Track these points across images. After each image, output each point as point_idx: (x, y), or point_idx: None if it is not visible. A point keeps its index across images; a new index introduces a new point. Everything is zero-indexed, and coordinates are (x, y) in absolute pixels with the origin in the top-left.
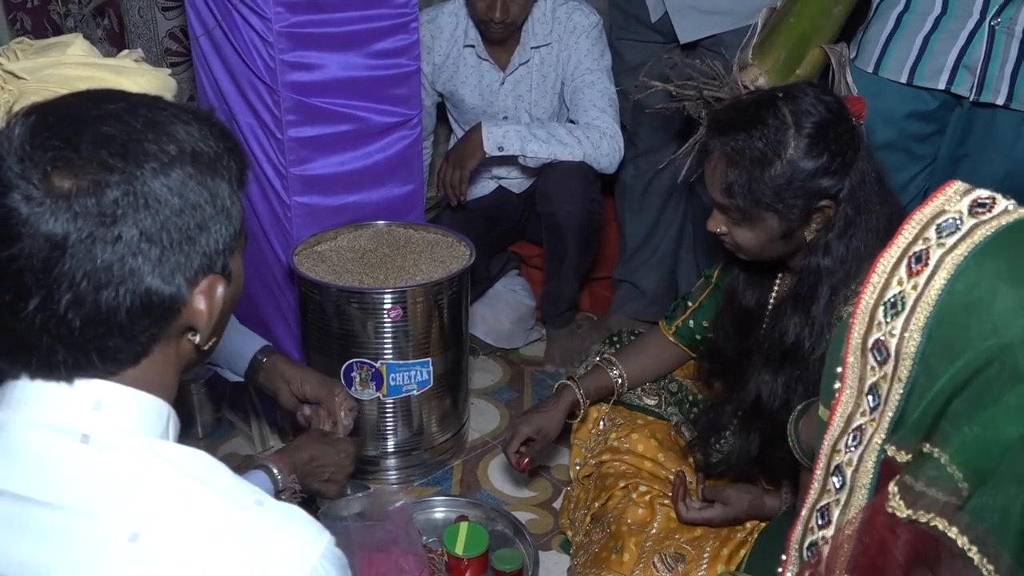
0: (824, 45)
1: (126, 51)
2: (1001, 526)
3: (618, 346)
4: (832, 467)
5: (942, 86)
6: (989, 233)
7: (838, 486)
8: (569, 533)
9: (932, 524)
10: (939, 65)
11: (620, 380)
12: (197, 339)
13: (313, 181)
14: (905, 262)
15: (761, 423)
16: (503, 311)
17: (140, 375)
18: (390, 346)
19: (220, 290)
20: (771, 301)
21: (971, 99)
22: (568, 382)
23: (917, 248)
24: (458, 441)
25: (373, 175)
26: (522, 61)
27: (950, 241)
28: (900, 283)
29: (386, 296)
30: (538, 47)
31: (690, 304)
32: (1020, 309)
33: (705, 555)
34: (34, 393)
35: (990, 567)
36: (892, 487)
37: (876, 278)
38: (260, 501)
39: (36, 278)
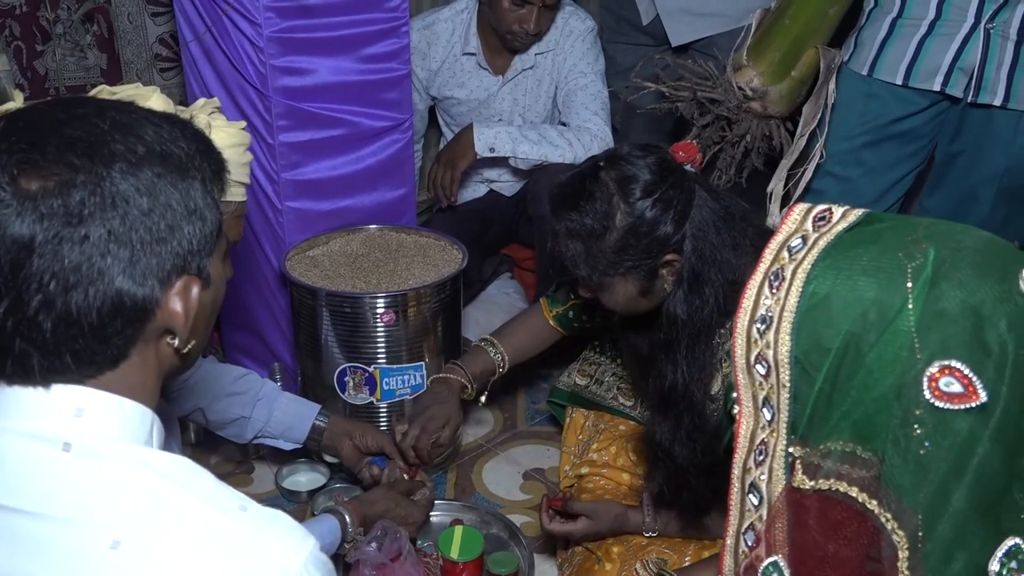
0: (819, 47)
1: (202, 100)
2: (911, 487)
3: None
4: (747, 487)
5: (937, 87)
6: (830, 239)
7: (756, 503)
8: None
9: (834, 489)
10: (934, 66)
11: (501, 360)
12: (176, 342)
13: (305, 186)
14: (767, 282)
15: (668, 461)
16: (496, 314)
17: (120, 380)
18: (383, 350)
19: (195, 291)
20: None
21: (968, 100)
22: (452, 365)
23: (775, 268)
24: (452, 445)
25: (365, 179)
26: (525, 67)
27: (800, 256)
28: (766, 300)
29: (379, 300)
30: (540, 53)
31: (572, 297)
32: (854, 299)
33: (687, 558)
34: (15, 401)
35: (895, 524)
36: (796, 465)
37: (746, 302)
38: (244, 507)
39: (5, 280)
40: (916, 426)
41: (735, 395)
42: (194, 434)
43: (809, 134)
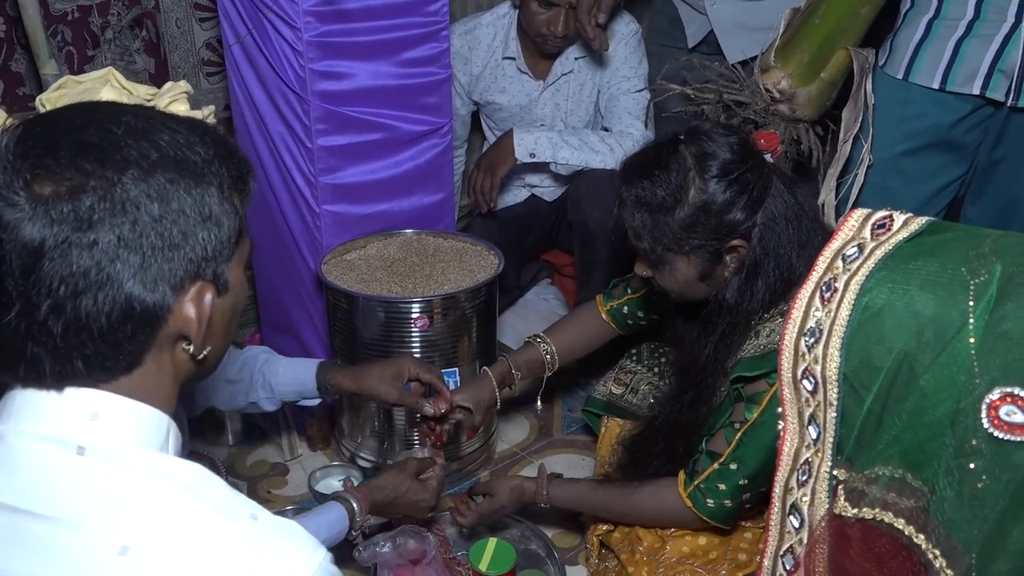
0: (850, 48)
1: (169, 84)
2: (962, 522)
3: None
4: (788, 507)
5: (976, 91)
6: (888, 249)
7: (797, 525)
8: (593, 556)
9: (879, 519)
10: (973, 69)
11: (549, 356)
12: (191, 349)
13: (343, 190)
14: (818, 293)
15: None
16: (534, 320)
17: (135, 385)
18: (417, 355)
19: (208, 297)
20: None
21: (1009, 104)
22: (502, 355)
23: (828, 278)
24: (487, 452)
25: (403, 184)
26: (564, 71)
27: (854, 266)
28: (816, 312)
29: (413, 306)
30: (580, 57)
31: (630, 292)
32: (909, 316)
33: None
34: (30, 404)
35: (943, 562)
36: (839, 491)
37: (796, 313)
38: (255, 516)
39: (16, 284)
40: (972, 458)
41: (778, 410)
42: (231, 435)
43: (852, 140)
